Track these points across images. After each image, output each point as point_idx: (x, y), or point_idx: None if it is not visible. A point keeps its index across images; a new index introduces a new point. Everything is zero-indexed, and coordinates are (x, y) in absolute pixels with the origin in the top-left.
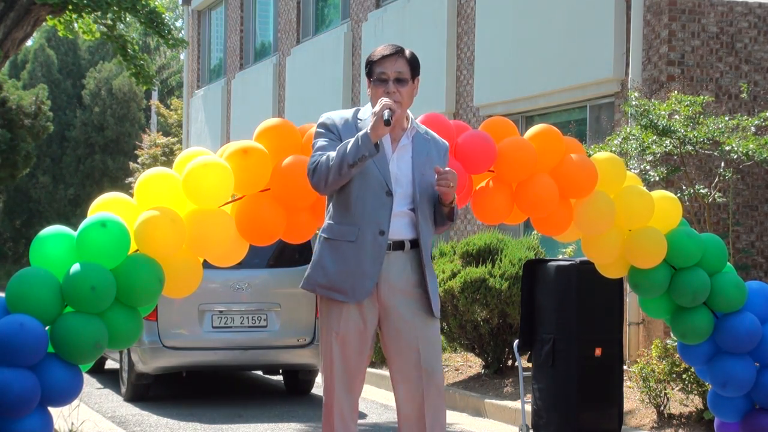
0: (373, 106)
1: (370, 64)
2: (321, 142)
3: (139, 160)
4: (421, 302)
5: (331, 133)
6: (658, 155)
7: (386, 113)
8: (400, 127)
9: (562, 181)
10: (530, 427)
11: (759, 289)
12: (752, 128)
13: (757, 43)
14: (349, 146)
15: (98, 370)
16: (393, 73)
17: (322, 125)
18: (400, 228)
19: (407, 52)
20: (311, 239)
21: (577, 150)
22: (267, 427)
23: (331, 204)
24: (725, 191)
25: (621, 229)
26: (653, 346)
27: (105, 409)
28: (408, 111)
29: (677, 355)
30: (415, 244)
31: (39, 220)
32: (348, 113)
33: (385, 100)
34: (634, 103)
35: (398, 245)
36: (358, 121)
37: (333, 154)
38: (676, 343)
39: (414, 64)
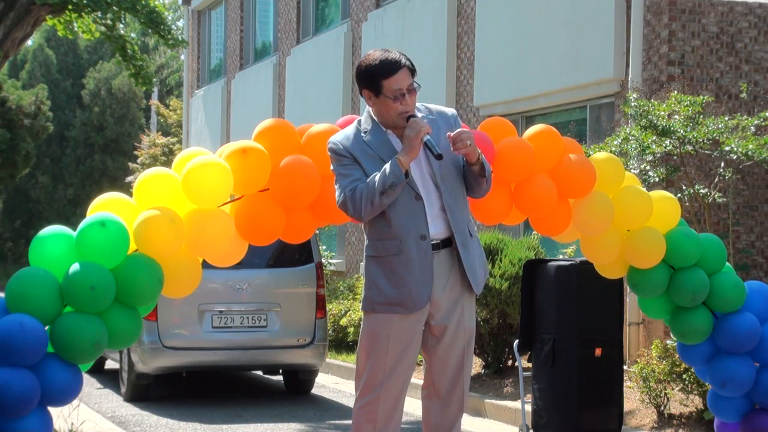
0: (382, 118)
1: (376, 78)
2: (340, 169)
3: (138, 160)
4: (464, 284)
5: (344, 157)
6: (658, 155)
7: (435, 147)
8: (403, 127)
9: (561, 182)
10: (530, 427)
11: (758, 289)
12: (752, 128)
13: (757, 43)
14: (377, 176)
15: (98, 370)
16: (407, 86)
17: (331, 152)
18: (440, 226)
19: (408, 62)
20: (310, 239)
21: (576, 150)
22: (267, 427)
23: (367, 222)
24: (725, 191)
25: (620, 229)
26: (653, 346)
27: (105, 409)
28: None
29: (677, 355)
30: (451, 239)
31: (39, 220)
32: (350, 130)
33: (420, 125)
34: (633, 104)
35: (445, 243)
36: (363, 134)
37: (369, 183)
38: (676, 343)
39: (414, 70)
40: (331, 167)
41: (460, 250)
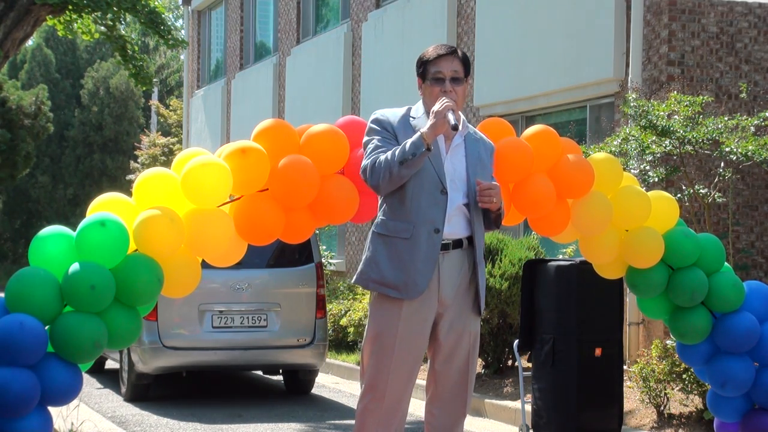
0: (427, 105)
1: (424, 64)
2: (375, 141)
3: (138, 160)
4: (472, 300)
5: (386, 131)
6: (658, 155)
7: (452, 118)
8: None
9: (559, 182)
10: (530, 427)
11: (757, 289)
12: (752, 128)
13: (757, 43)
14: (399, 148)
15: (98, 370)
16: (449, 72)
17: (375, 122)
18: (456, 226)
19: (460, 53)
20: (310, 239)
21: (574, 150)
22: (267, 427)
23: (385, 200)
24: (725, 191)
25: (618, 229)
26: (653, 346)
27: (105, 409)
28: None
29: (677, 355)
30: (470, 241)
31: (38, 219)
32: (400, 111)
33: (446, 100)
34: (633, 104)
35: (456, 244)
36: (411, 119)
37: (389, 154)
38: (675, 343)
39: (467, 63)
40: (365, 138)
41: (478, 267)
